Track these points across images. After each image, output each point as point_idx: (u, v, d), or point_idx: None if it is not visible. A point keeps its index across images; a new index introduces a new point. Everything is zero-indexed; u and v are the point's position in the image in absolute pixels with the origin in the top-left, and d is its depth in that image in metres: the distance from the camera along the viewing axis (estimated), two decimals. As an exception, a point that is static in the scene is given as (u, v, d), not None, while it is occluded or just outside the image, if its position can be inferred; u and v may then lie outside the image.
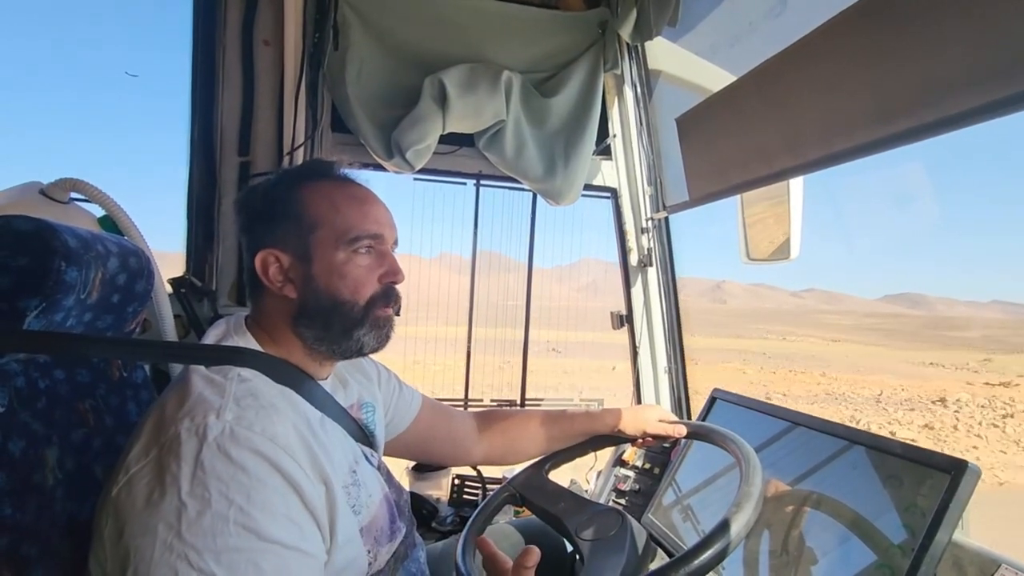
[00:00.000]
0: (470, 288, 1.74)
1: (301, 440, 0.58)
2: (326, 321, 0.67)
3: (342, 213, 0.68)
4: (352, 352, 0.70)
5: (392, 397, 0.91)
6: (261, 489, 0.52)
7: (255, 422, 0.55)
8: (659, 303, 1.64)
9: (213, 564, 0.48)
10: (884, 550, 0.75)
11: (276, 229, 0.68)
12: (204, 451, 0.52)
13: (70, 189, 0.97)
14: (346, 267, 0.67)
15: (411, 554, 0.78)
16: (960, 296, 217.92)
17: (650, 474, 1.24)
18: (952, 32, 0.72)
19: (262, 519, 0.51)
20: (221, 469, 0.51)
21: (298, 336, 0.68)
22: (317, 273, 0.67)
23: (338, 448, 0.67)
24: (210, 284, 1.35)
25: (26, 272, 0.57)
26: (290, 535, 0.53)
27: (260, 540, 0.51)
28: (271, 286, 0.67)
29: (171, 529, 0.49)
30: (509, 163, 1.48)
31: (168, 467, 0.51)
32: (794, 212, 1.28)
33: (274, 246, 0.67)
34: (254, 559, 0.50)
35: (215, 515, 0.49)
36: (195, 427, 0.53)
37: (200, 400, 0.56)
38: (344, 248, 0.67)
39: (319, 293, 0.67)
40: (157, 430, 0.54)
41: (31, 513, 0.57)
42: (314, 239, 0.67)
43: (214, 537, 0.49)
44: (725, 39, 1.46)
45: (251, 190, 0.73)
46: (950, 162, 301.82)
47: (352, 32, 1.39)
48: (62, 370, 0.68)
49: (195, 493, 0.50)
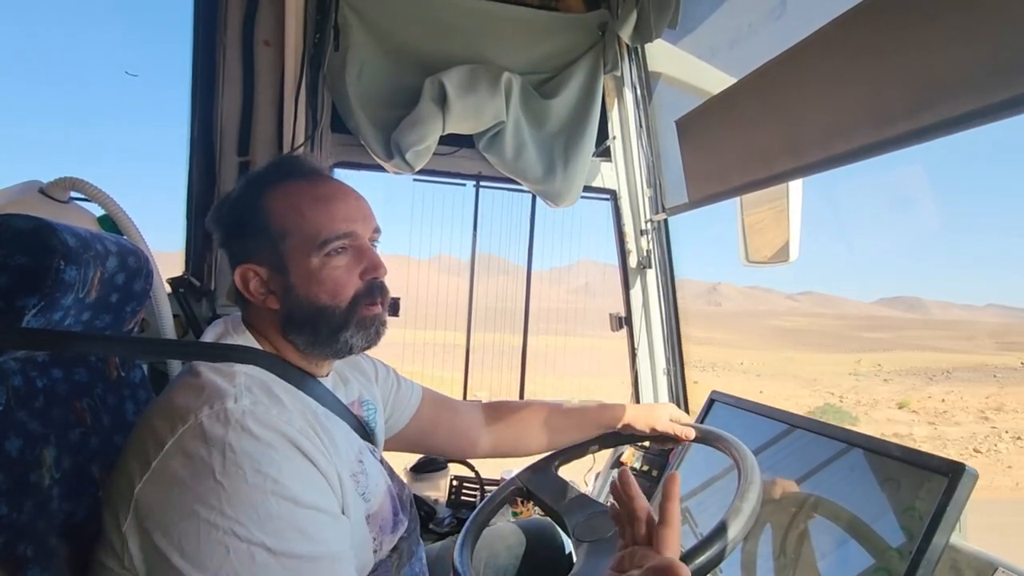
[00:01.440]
0: (469, 290, 1.74)
1: (310, 425, 0.60)
2: (313, 327, 0.67)
3: (307, 218, 0.66)
4: (343, 353, 0.70)
5: (390, 394, 0.91)
6: (289, 462, 0.55)
7: (271, 407, 0.58)
8: (658, 305, 1.64)
9: (259, 533, 0.50)
10: (881, 553, 0.75)
11: (248, 244, 0.67)
12: (230, 434, 0.53)
13: (70, 188, 0.97)
14: (322, 272, 0.66)
15: (416, 552, 0.78)
16: (957, 300, 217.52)
17: (648, 476, 1.24)
18: (952, 35, 0.72)
19: (296, 487, 0.54)
20: (250, 447, 0.53)
21: (290, 342, 0.69)
22: (295, 283, 0.66)
23: (343, 440, 0.67)
24: (209, 284, 1.35)
25: (25, 270, 0.57)
26: (323, 500, 0.56)
27: (298, 506, 0.53)
28: (254, 300, 0.68)
29: (212, 509, 0.50)
30: (509, 164, 1.48)
31: (196, 453, 0.52)
32: (793, 214, 1.28)
33: (249, 261, 0.67)
34: (296, 524, 0.52)
35: (252, 488, 0.51)
36: (215, 413, 0.55)
37: (214, 389, 0.57)
38: (316, 253, 0.65)
39: (300, 301, 0.66)
40: (171, 422, 0.55)
41: (28, 513, 0.57)
42: (286, 248, 0.66)
43: (255, 508, 0.51)
44: (725, 41, 1.46)
45: (219, 205, 0.72)
46: (952, 163, 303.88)
47: (353, 33, 1.39)
48: (60, 369, 0.67)
49: (228, 472, 0.51)
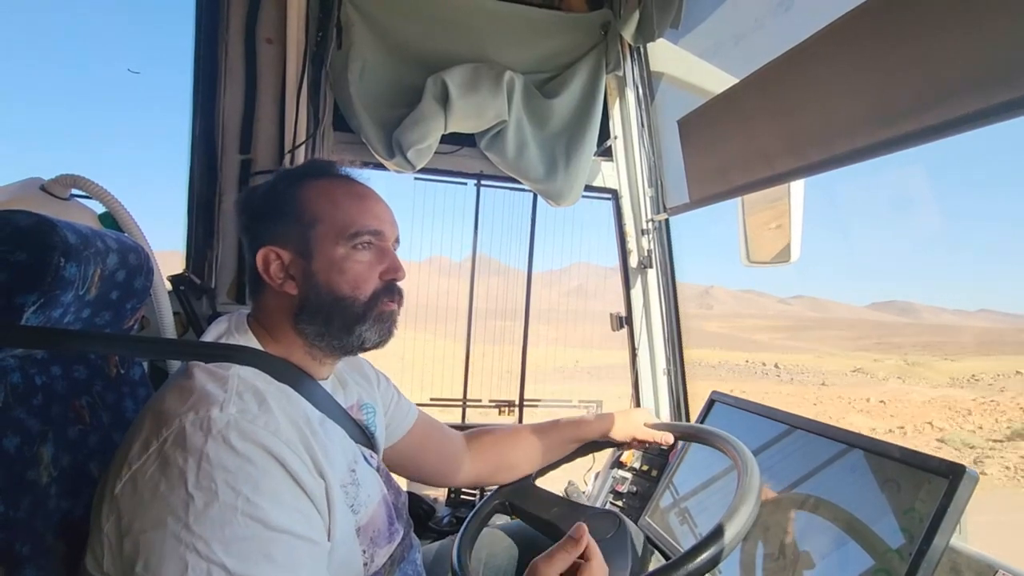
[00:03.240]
0: (469, 290, 1.74)
1: (300, 436, 0.59)
2: (327, 317, 0.67)
3: (342, 208, 0.68)
4: (353, 348, 0.70)
5: (391, 404, 0.91)
6: (267, 480, 0.53)
7: (258, 416, 0.56)
8: (658, 305, 1.64)
9: (222, 554, 0.48)
10: (882, 554, 0.74)
11: (276, 226, 0.68)
12: (209, 443, 0.52)
13: (71, 185, 0.96)
14: (346, 263, 0.67)
15: (408, 556, 0.77)
16: (949, 305, 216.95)
17: (648, 476, 1.24)
18: (955, 36, 0.71)
19: (269, 508, 0.52)
20: (227, 460, 0.51)
21: (299, 333, 0.68)
22: (317, 269, 0.67)
23: (337, 448, 0.67)
24: (209, 282, 1.35)
25: (24, 267, 0.57)
26: (298, 524, 0.54)
27: (268, 529, 0.51)
28: (272, 283, 0.67)
29: (179, 521, 0.49)
30: (510, 163, 1.48)
31: (174, 460, 0.51)
32: (795, 215, 1.27)
33: (274, 243, 0.67)
34: (263, 548, 0.50)
35: (223, 505, 0.50)
36: (199, 420, 0.53)
37: (203, 394, 0.56)
38: (344, 243, 0.67)
39: (319, 289, 0.67)
40: (158, 425, 0.54)
41: (25, 510, 0.57)
42: (314, 235, 0.67)
43: (222, 527, 0.49)
44: (727, 41, 1.46)
45: (251, 190, 0.73)
46: (953, 165, 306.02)
47: (355, 31, 1.39)
48: (59, 366, 0.67)
49: (202, 485, 0.50)
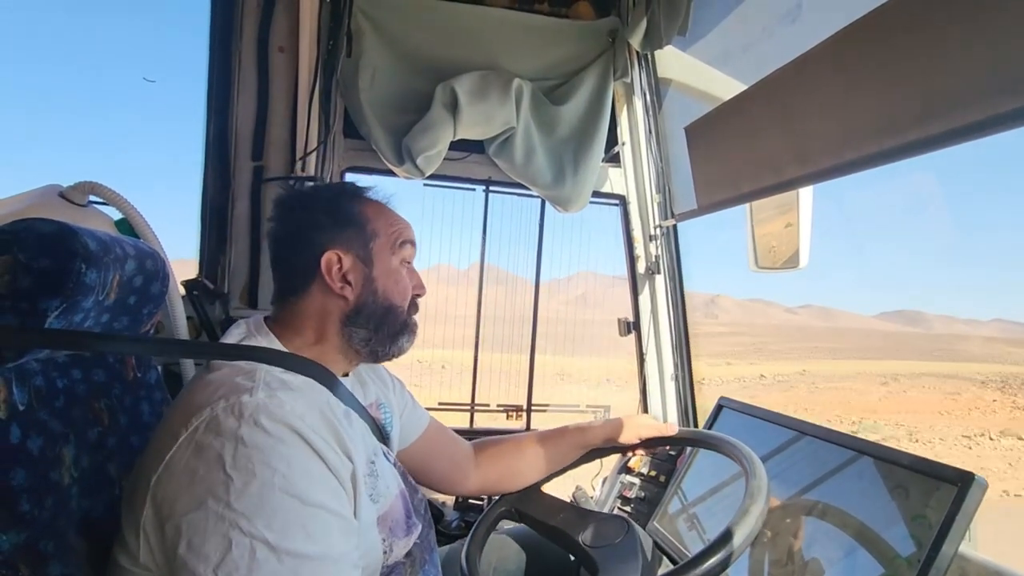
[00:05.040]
0: (478, 295, 1.75)
1: (326, 423, 0.60)
2: (377, 325, 0.72)
3: (391, 222, 0.76)
4: (389, 356, 0.76)
5: (405, 408, 0.92)
6: (299, 458, 0.55)
7: (285, 402, 0.58)
8: (666, 310, 1.64)
9: (264, 529, 0.51)
10: (890, 561, 0.74)
11: (342, 232, 0.72)
12: (243, 427, 0.54)
13: (88, 192, 0.99)
14: (399, 274, 0.75)
15: (430, 558, 0.78)
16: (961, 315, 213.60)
17: (656, 482, 1.24)
18: (962, 45, 0.72)
19: (304, 485, 0.54)
20: (261, 441, 0.54)
21: (343, 336, 0.72)
22: (378, 275, 0.73)
23: (359, 439, 0.68)
24: (222, 287, 1.37)
25: (47, 273, 0.58)
26: (331, 500, 0.56)
27: (304, 504, 0.53)
28: (332, 285, 0.70)
29: (220, 501, 0.51)
30: (518, 170, 1.49)
31: (209, 445, 0.53)
32: (803, 221, 1.27)
33: (338, 247, 0.71)
34: (301, 521, 0.52)
35: (261, 483, 0.52)
36: (230, 406, 0.55)
37: (232, 385, 0.59)
38: (396, 253, 0.75)
39: (377, 296, 0.72)
40: (188, 415, 0.56)
41: (48, 510, 0.58)
42: (375, 246, 0.73)
43: (262, 504, 0.51)
44: (735, 49, 1.46)
45: (312, 195, 0.77)
46: (963, 170, 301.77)
47: (365, 40, 1.41)
48: (79, 370, 0.69)
49: (239, 465, 0.52)
